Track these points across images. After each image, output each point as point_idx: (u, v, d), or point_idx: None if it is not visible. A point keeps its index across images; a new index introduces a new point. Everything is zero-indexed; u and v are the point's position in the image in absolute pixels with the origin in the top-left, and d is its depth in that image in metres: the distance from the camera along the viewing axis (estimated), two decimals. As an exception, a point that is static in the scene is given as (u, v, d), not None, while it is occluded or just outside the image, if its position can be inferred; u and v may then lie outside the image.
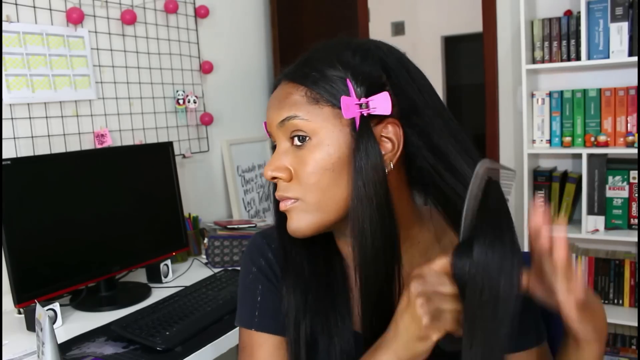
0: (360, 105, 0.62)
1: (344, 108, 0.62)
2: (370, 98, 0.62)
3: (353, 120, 0.63)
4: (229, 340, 1.30)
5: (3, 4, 1.51)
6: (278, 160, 0.67)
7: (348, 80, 0.63)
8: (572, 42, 2.03)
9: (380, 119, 0.64)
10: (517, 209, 2.31)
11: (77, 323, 1.39)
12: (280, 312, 0.75)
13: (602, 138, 1.98)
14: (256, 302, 0.78)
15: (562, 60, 2.06)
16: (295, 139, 0.65)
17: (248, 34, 2.51)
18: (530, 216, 0.55)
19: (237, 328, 0.81)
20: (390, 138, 0.64)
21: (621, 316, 1.98)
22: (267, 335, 0.76)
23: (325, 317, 0.70)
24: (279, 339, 0.75)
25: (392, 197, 0.64)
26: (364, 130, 0.62)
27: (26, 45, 1.57)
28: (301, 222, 0.67)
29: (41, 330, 1.03)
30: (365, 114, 0.62)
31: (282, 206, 0.68)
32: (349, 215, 0.64)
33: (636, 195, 1.97)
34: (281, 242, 0.75)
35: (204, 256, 1.89)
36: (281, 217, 0.72)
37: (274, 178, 0.67)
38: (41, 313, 1.04)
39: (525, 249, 0.74)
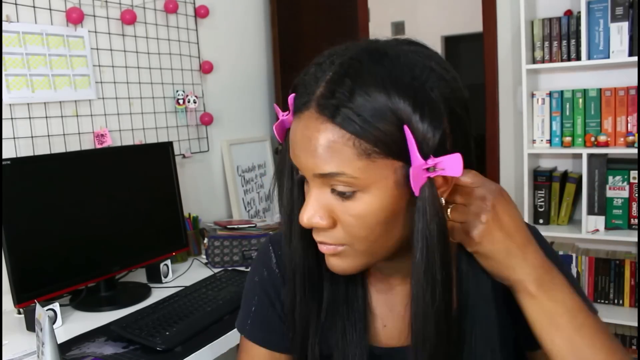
0: (428, 169, 0.54)
1: (414, 179, 0.54)
2: (439, 159, 0.54)
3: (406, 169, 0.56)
4: (228, 340, 1.30)
5: (3, 4, 1.50)
6: (317, 206, 0.58)
7: (407, 130, 0.53)
8: (572, 42, 2.03)
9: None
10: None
11: (77, 323, 1.39)
12: (271, 327, 0.74)
13: (602, 138, 1.98)
14: (250, 311, 0.78)
15: (562, 60, 2.06)
16: (339, 187, 0.57)
17: (248, 34, 2.51)
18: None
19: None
20: (446, 178, 0.57)
21: (621, 316, 1.98)
22: (256, 347, 0.77)
23: (342, 332, 0.69)
24: (267, 352, 0.76)
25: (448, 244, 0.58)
26: (427, 193, 0.55)
27: (26, 45, 1.57)
28: (346, 265, 0.61)
29: (41, 330, 1.03)
30: (432, 177, 0.54)
31: (325, 249, 0.61)
32: (413, 270, 0.58)
33: (636, 195, 1.97)
34: (302, 261, 0.69)
35: (204, 256, 1.89)
36: (305, 240, 0.66)
37: (315, 227, 0.60)
38: (41, 313, 1.03)
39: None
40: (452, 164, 0.54)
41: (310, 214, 0.58)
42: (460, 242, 0.60)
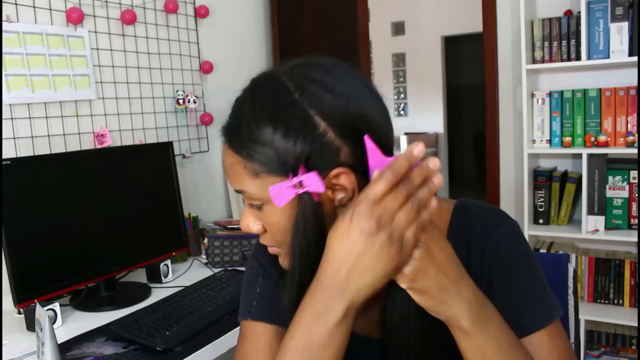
0: (295, 185, 0.59)
1: (275, 197, 0.60)
2: (300, 177, 0.59)
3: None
4: (228, 340, 1.30)
5: (3, 4, 1.51)
6: (247, 217, 0.68)
7: (273, 154, 0.60)
8: (572, 42, 2.03)
9: (330, 169, 0.60)
10: (517, 209, 2.31)
11: (77, 323, 1.39)
12: (276, 303, 0.76)
13: (602, 138, 1.98)
14: (255, 294, 0.80)
15: (562, 60, 2.06)
16: (251, 203, 0.66)
17: (248, 34, 2.51)
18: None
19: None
20: (344, 186, 0.61)
21: (621, 316, 1.98)
22: (261, 324, 0.78)
23: None
24: (272, 327, 0.77)
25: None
26: (299, 207, 0.60)
27: (26, 45, 1.57)
28: (287, 264, 0.67)
29: (41, 330, 1.03)
30: (301, 193, 0.60)
31: (270, 250, 0.70)
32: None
33: (636, 195, 1.97)
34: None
35: (204, 256, 1.89)
36: None
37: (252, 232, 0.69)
38: (41, 313, 1.03)
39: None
40: (312, 182, 0.59)
41: (244, 223, 0.68)
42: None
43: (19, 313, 1.43)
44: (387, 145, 0.62)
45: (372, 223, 0.54)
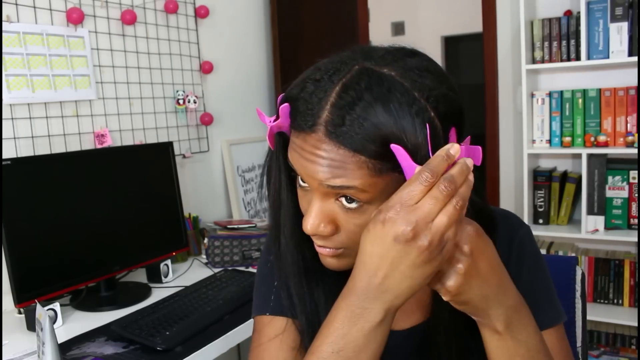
0: None
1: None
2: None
3: None
4: (228, 340, 1.30)
5: (3, 4, 1.51)
6: (320, 214, 0.60)
7: (397, 148, 0.54)
8: (572, 42, 2.03)
9: None
10: (517, 209, 2.31)
11: (77, 323, 1.39)
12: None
13: (601, 138, 1.98)
14: (272, 287, 0.78)
15: (562, 61, 2.06)
16: (344, 199, 0.58)
17: (248, 34, 2.51)
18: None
19: (237, 328, 0.81)
20: None
21: (621, 316, 1.98)
22: (281, 318, 0.76)
23: None
24: (292, 321, 0.75)
25: None
26: None
27: (26, 45, 1.57)
28: (343, 264, 0.64)
29: (41, 330, 1.03)
30: None
31: (324, 252, 0.63)
32: None
33: (636, 195, 1.97)
34: (293, 260, 0.71)
35: (204, 256, 1.89)
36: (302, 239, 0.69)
37: (318, 235, 0.61)
38: (41, 313, 1.04)
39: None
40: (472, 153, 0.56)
41: (315, 223, 0.59)
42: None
43: (19, 313, 1.43)
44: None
45: (408, 229, 0.50)
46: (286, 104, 0.61)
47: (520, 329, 0.59)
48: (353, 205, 0.58)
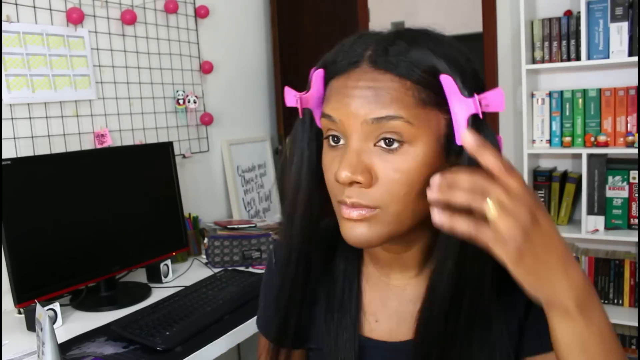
0: (481, 104, 0.54)
1: (458, 112, 0.55)
2: (483, 95, 0.54)
3: (449, 128, 0.57)
4: (229, 340, 1.30)
5: (3, 4, 1.51)
6: (357, 160, 0.56)
7: (454, 79, 0.55)
8: (572, 42, 2.03)
9: None
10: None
11: (77, 323, 1.39)
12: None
13: (602, 138, 1.98)
14: (270, 297, 0.77)
15: (562, 61, 2.06)
16: (385, 141, 0.56)
17: (248, 34, 2.51)
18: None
19: (237, 328, 0.82)
20: None
21: (621, 316, 1.98)
22: (263, 335, 0.77)
23: (335, 324, 0.69)
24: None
25: None
26: (483, 128, 0.55)
27: (26, 45, 1.57)
28: (373, 233, 0.58)
29: (41, 330, 1.03)
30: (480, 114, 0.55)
31: (356, 214, 0.57)
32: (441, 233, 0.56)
33: (636, 195, 1.97)
34: (302, 248, 0.69)
35: (204, 256, 1.89)
36: (311, 223, 0.67)
37: (353, 183, 0.56)
38: (41, 313, 1.03)
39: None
40: (495, 99, 0.53)
41: (353, 168, 0.55)
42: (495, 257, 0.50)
43: (19, 313, 1.43)
44: None
45: (527, 215, 0.48)
46: (321, 70, 0.60)
47: (591, 312, 0.53)
48: (395, 145, 0.55)
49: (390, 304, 0.69)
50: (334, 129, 0.59)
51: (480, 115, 0.55)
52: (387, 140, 0.56)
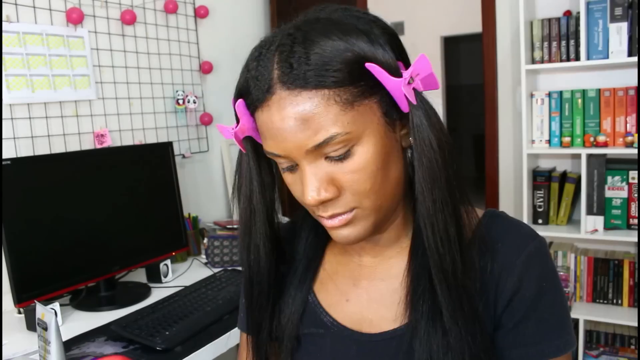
0: (410, 80, 0.55)
1: (398, 98, 0.56)
2: (410, 69, 0.55)
3: (384, 103, 0.57)
4: (228, 340, 1.30)
5: (3, 4, 1.51)
6: (317, 181, 0.57)
7: (379, 65, 0.55)
8: (572, 42, 2.04)
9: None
10: (516, 209, 2.32)
11: (77, 323, 1.39)
12: None
13: (601, 138, 1.99)
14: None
15: (561, 61, 2.06)
16: (332, 155, 0.57)
17: (248, 34, 2.51)
18: None
19: (236, 328, 0.81)
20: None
21: (620, 316, 1.98)
22: (242, 333, 0.78)
23: (324, 315, 0.70)
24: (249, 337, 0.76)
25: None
26: (419, 101, 0.56)
27: (26, 45, 1.57)
28: (358, 230, 0.61)
29: (45, 329, 1.03)
30: (414, 88, 0.56)
31: (337, 222, 0.60)
32: (418, 208, 0.59)
33: (635, 195, 1.98)
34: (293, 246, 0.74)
35: (204, 256, 1.90)
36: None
37: (323, 201, 0.58)
38: (44, 312, 1.03)
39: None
40: (422, 65, 0.55)
41: (316, 188, 0.57)
42: None
43: (19, 313, 1.43)
44: None
45: None
46: (240, 100, 0.61)
47: None
48: (342, 154, 0.56)
49: (361, 284, 0.70)
50: (284, 161, 0.60)
51: (420, 88, 0.56)
52: (331, 156, 0.57)
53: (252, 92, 0.58)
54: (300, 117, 0.55)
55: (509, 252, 0.62)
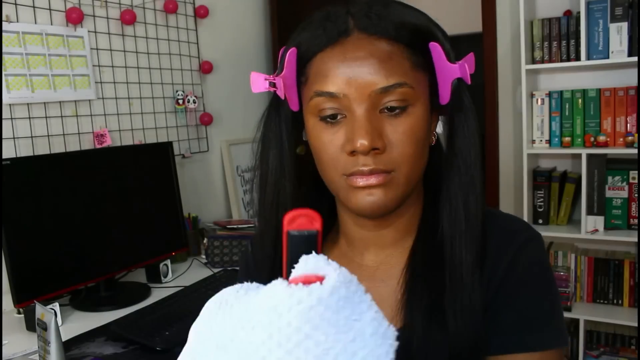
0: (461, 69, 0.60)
1: (444, 85, 0.60)
2: (464, 60, 0.61)
3: (432, 89, 0.61)
4: (228, 340, 1.30)
5: (3, 4, 1.50)
6: (371, 127, 0.56)
7: (440, 47, 0.59)
8: (572, 42, 2.03)
9: None
10: (516, 209, 2.31)
11: (77, 323, 1.39)
12: None
13: (601, 138, 1.98)
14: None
15: (561, 61, 2.06)
16: (392, 104, 0.57)
17: (248, 34, 2.51)
18: None
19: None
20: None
21: (621, 316, 1.98)
22: None
23: None
24: None
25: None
26: (462, 90, 0.61)
27: (26, 45, 1.57)
28: (390, 197, 0.59)
29: (45, 329, 1.03)
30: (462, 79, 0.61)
31: (373, 180, 0.58)
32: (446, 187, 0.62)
33: (636, 195, 1.97)
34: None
35: (204, 256, 1.89)
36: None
37: (372, 149, 0.57)
38: (44, 312, 1.04)
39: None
40: (471, 62, 0.60)
41: (369, 136, 0.55)
42: None
43: (19, 313, 1.43)
44: None
45: None
46: (292, 49, 0.60)
47: None
48: (399, 110, 0.58)
49: (362, 284, 0.68)
50: (332, 106, 0.58)
51: (468, 81, 0.60)
52: (393, 107, 0.57)
53: (319, 36, 0.58)
54: (378, 55, 0.56)
55: (499, 247, 0.62)
